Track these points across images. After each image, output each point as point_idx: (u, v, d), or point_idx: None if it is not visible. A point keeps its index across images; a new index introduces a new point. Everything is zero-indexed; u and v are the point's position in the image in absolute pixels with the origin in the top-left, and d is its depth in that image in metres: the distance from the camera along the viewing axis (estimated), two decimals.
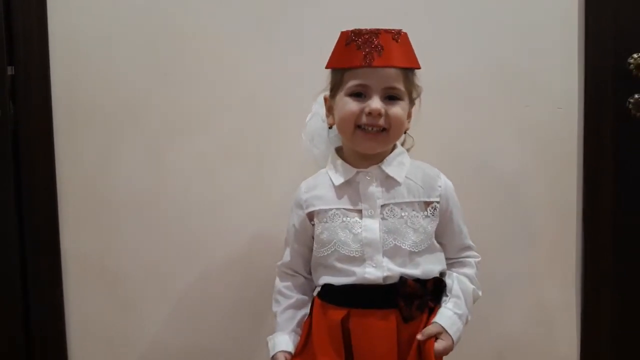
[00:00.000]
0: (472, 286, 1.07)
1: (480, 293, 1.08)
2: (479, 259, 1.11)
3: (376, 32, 0.99)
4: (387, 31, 1.00)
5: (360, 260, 1.01)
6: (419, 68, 1.05)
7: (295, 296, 1.10)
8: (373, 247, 1.00)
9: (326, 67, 1.07)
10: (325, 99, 1.08)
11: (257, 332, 1.43)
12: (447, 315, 1.02)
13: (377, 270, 1.00)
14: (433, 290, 1.03)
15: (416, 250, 1.01)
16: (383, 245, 1.00)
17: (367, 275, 0.99)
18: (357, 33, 1.00)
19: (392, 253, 1.00)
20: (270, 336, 1.10)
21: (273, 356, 1.07)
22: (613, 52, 1.40)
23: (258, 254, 1.40)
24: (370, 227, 1.01)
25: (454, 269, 1.08)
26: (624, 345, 1.47)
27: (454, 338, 1.01)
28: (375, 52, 0.98)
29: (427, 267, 1.02)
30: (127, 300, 1.43)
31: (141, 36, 1.38)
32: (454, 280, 1.06)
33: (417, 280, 1.01)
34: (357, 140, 1.02)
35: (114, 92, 1.38)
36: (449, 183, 1.07)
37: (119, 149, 1.40)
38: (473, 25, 1.40)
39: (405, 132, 1.07)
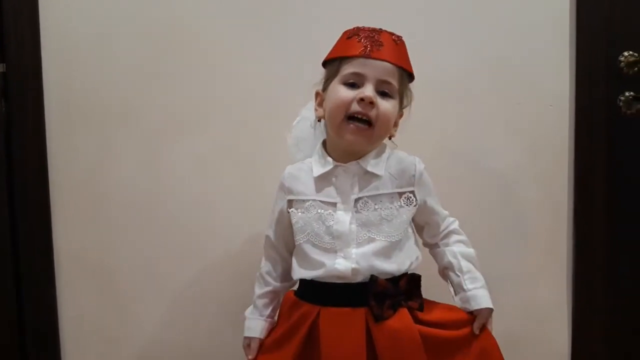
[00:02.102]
0: (471, 249, 1.11)
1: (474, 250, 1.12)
2: (455, 219, 1.13)
3: (378, 31, 1.03)
4: (389, 32, 1.04)
5: (331, 251, 1.02)
6: (413, 75, 1.08)
7: (274, 284, 1.14)
8: (343, 239, 1.02)
9: (325, 60, 1.08)
10: (317, 93, 1.10)
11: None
12: (479, 295, 1.06)
13: (347, 261, 1.01)
14: (406, 289, 1.02)
15: (390, 241, 1.02)
16: (357, 238, 1.02)
17: (337, 266, 1.00)
18: (359, 29, 1.04)
19: (365, 245, 1.01)
20: (249, 314, 1.14)
21: (246, 337, 1.13)
22: (604, 50, 1.40)
23: (253, 252, 1.39)
24: (342, 220, 1.02)
25: (445, 241, 1.12)
26: (615, 343, 1.47)
27: (491, 306, 1.06)
28: (375, 46, 1.01)
29: (401, 260, 1.03)
30: (121, 299, 1.42)
31: (135, 34, 1.38)
32: (456, 257, 1.09)
33: (391, 278, 1.01)
34: (344, 131, 1.02)
35: (108, 90, 1.38)
36: (422, 168, 1.08)
37: (113, 147, 1.39)
38: (465, 24, 1.40)
39: (390, 138, 1.09)
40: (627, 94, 1.41)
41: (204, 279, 1.42)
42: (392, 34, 1.04)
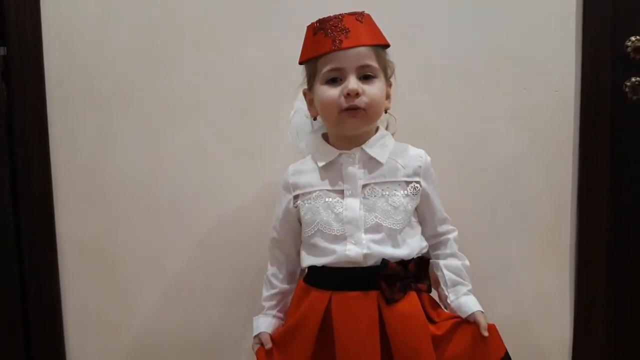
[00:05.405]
0: (459, 262, 1.11)
1: (467, 262, 1.12)
2: (456, 232, 1.14)
3: (340, 17, 1.03)
4: (350, 14, 1.03)
5: (341, 238, 1.03)
6: (388, 45, 1.08)
7: (280, 286, 1.15)
8: (353, 224, 1.03)
9: (299, 62, 1.09)
10: (304, 93, 1.11)
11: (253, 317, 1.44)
12: (462, 302, 1.07)
13: (357, 247, 1.02)
14: (415, 272, 1.05)
15: (396, 228, 1.04)
16: (365, 223, 1.03)
17: (347, 252, 1.02)
18: (322, 21, 1.04)
19: (373, 230, 1.03)
20: (256, 317, 1.16)
21: (256, 336, 1.13)
22: (611, 34, 1.38)
23: (254, 239, 1.39)
24: (351, 206, 1.04)
25: (436, 253, 1.12)
26: (616, 331, 1.47)
27: (478, 308, 1.07)
28: (342, 35, 1.01)
29: (410, 245, 1.05)
30: (123, 285, 1.43)
31: (136, 19, 1.36)
32: (441, 270, 1.10)
33: (400, 262, 1.03)
34: (342, 122, 1.04)
35: (109, 74, 1.37)
36: (429, 161, 1.09)
37: (115, 132, 1.39)
38: (471, 9, 1.38)
39: (386, 112, 1.10)
40: (633, 79, 1.40)
41: (206, 266, 1.42)
42: (353, 13, 1.04)
